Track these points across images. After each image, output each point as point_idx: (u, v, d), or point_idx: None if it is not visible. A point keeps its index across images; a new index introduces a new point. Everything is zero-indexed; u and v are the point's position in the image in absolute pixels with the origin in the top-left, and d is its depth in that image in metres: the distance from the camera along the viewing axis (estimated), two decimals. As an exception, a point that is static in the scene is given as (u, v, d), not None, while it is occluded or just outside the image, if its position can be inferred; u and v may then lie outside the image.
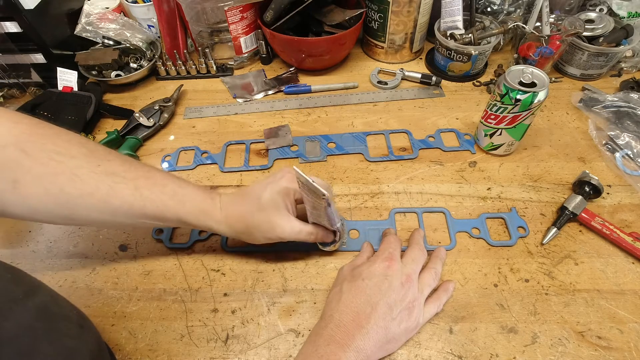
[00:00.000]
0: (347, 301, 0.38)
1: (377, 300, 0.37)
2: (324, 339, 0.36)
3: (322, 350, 0.35)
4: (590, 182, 0.50)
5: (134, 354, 0.41)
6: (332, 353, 0.34)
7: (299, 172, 0.35)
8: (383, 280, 0.39)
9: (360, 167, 0.58)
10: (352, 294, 0.38)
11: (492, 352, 0.40)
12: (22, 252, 0.50)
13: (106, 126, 0.67)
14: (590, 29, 0.65)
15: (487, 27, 0.70)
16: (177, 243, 0.50)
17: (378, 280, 0.39)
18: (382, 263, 0.40)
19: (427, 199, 0.53)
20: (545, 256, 0.47)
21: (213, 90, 0.73)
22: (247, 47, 0.75)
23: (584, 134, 0.61)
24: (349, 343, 0.35)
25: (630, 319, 0.41)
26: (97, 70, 0.70)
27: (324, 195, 0.35)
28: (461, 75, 0.71)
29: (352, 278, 0.40)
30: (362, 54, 0.80)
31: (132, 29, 0.73)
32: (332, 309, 0.38)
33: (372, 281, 0.39)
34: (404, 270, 0.40)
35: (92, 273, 0.48)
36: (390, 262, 0.40)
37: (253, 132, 0.64)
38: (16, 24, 0.63)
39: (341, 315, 0.37)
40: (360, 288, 0.39)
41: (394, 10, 0.67)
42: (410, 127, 0.63)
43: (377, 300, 0.37)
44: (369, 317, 0.37)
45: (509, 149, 0.57)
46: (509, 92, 0.49)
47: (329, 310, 0.39)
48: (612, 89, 0.67)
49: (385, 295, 0.38)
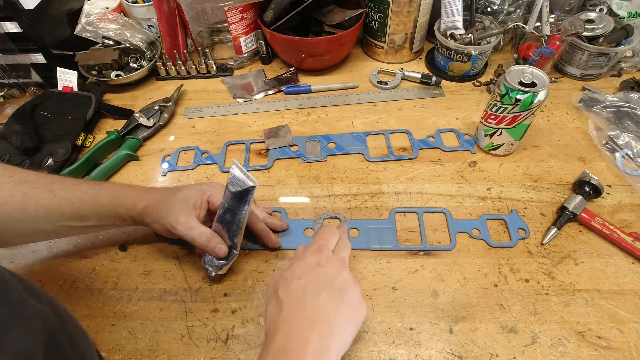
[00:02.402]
0: (290, 306, 0.34)
1: (321, 292, 0.34)
2: (274, 353, 0.31)
3: None
4: (590, 182, 0.50)
5: (134, 354, 0.41)
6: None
7: (236, 162, 0.40)
8: (320, 272, 0.35)
9: (360, 167, 0.58)
10: (292, 297, 0.34)
11: (492, 352, 0.40)
12: (22, 252, 0.50)
13: (106, 126, 0.67)
14: (590, 29, 0.65)
15: (487, 27, 0.70)
16: (177, 242, 0.50)
17: (314, 273, 0.35)
18: (313, 256, 0.37)
19: (427, 199, 0.53)
20: (545, 256, 0.47)
21: (213, 90, 0.73)
22: (247, 47, 0.75)
23: (584, 134, 0.61)
24: (304, 348, 0.31)
25: (630, 319, 0.41)
26: (97, 70, 0.70)
27: (254, 184, 0.39)
28: (461, 75, 0.71)
29: (285, 282, 0.36)
30: (362, 54, 0.80)
31: (132, 29, 0.73)
32: (276, 322, 0.33)
33: (309, 277, 0.35)
34: (338, 257, 0.38)
35: (92, 273, 0.48)
36: (320, 253, 0.37)
37: (253, 132, 0.64)
38: (16, 24, 0.63)
39: (288, 323, 0.33)
40: (299, 288, 0.35)
41: (394, 10, 0.67)
42: (410, 127, 0.63)
43: (320, 292, 0.34)
44: (317, 311, 0.33)
45: (509, 149, 0.57)
46: (509, 92, 0.49)
47: (272, 325, 0.34)
48: (612, 89, 0.67)
49: (327, 285, 0.35)
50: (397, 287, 0.45)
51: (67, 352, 0.26)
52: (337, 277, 0.35)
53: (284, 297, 0.34)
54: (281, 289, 0.35)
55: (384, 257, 0.47)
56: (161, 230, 0.43)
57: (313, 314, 0.33)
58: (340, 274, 0.36)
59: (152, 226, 0.43)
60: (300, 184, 0.56)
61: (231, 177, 0.40)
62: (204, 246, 0.42)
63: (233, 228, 0.42)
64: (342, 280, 0.35)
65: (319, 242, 0.39)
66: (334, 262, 0.37)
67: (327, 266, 0.36)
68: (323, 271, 0.36)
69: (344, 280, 0.35)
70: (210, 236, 0.42)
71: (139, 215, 0.42)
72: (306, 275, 0.35)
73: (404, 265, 0.47)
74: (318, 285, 0.35)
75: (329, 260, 0.37)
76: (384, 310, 0.43)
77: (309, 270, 0.36)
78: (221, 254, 0.43)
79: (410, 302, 0.44)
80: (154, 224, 0.42)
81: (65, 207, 0.40)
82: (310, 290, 0.34)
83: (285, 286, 0.35)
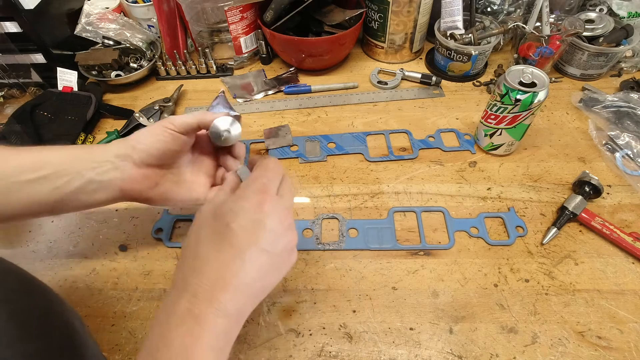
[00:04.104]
0: (207, 257, 0.29)
1: (248, 248, 0.29)
2: (177, 316, 0.27)
3: (174, 334, 0.26)
4: (590, 182, 0.50)
5: (134, 354, 0.41)
6: (189, 333, 0.26)
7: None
8: (255, 222, 0.29)
9: (360, 167, 0.58)
10: (214, 245, 0.29)
11: (492, 352, 0.40)
12: (22, 252, 0.50)
13: (106, 126, 0.67)
14: (590, 29, 0.65)
15: (487, 27, 0.70)
16: (177, 242, 0.50)
17: (248, 222, 0.29)
18: (254, 198, 0.30)
19: (427, 199, 0.53)
20: (545, 256, 0.47)
21: (213, 90, 0.73)
22: (247, 47, 0.75)
23: (584, 134, 0.61)
24: (213, 314, 0.27)
25: (630, 319, 0.41)
26: (97, 70, 0.70)
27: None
28: (461, 75, 0.71)
29: (214, 221, 0.30)
30: (362, 54, 0.80)
31: (132, 29, 0.73)
32: (187, 271, 0.29)
33: (240, 224, 0.29)
34: (282, 205, 0.31)
35: (92, 273, 0.48)
36: (264, 195, 0.30)
37: (253, 132, 0.64)
38: (16, 24, 0.63)
39: (200, 278, 0.28)
40: (225, 236, 0.29)
41: (394, 10, 0.67)
42: (410, 127, 0.63)
43: (247, 248, 0.29)
44: (238, 272, 0.28)
45: (509, 149, 0.57)
46: (509, 92, 0.49)
47: (182, 273, 0.29)
48: (612, 89, 0.67)
49: (260, 241, 0.29)
50: (397, 287, 0.45)
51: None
52: (280, 237, 0.30)
53: (205, 239, 0.30)
54: (205, 229, 0.30)
55: (384, 257, 0.47)
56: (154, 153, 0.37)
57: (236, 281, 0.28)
58: (287, 233, 0.31)
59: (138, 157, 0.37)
60: (300, 184, 0.56)
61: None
62: (201, 116, 0.37)
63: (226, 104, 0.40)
64: (287, 241, 0.31)
65: (262, 179, 0.32)
66: (277, 211, 0.30)
67: (268, 214, 0.30)
68: (260, 222, 0.29)
69: (288, 241, 0.31)
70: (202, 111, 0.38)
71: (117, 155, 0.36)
72: (237, 221, 0.29)
73: (404, 265, 0.47)
74: (250, 236, 0.29)
75: (272, 208, 0.30)
76: (384, 310, 0.43)
77: (244, 217, 0.29)
78: (221, 115, 0.38)
79: (410, 302, 0.44)
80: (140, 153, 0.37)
81: (12, 158, 0.34)
82: (238, 244, 0.29)
83: (211, 228, 0.30)
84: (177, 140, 0.38)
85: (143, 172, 0.38)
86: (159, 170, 0.39)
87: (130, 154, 0.37)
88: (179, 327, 0.26)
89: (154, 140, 0.37)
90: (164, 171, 0.40)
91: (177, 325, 0.26)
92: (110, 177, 0.36)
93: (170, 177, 0.40)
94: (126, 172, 0.37)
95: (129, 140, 0.37)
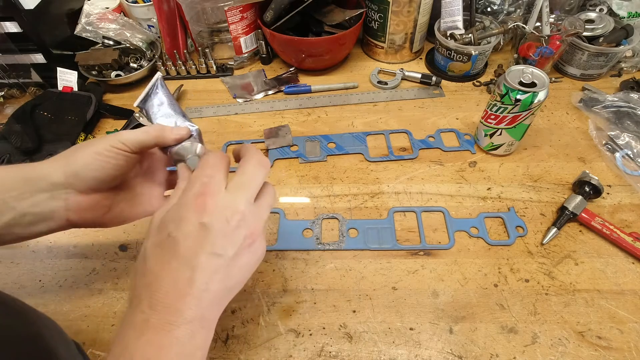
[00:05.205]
0: (156, 272, 0.27)
1: (196, 256, 0.27)
2: (135, 329, 0.26)
3: (133, 347, 0.25)
4: (590, 182, 0.50)
5: (134, 354, 0.41)
6: (149, 344, 0.25)
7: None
8: (200, 227, 0.27)
9: (360, 167, 0.58)
10: (159, 258, 0.28)
11: (492, 352, 0.40)
12: (22, 252, 0.50)
13: (106, 126, 0.67)
14: (590, 29, 0.65)
15: (487, 27, 0.70)
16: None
17: (193, 228, 0.27)
18: (193, 202, 0.28)
19: (427, 199, 0.53)
20: (545, 256, 0.47)
21: (213, 90, 0.73)
22: (247, 47, 0.75)
23: (584, 134, 0.61)
24: (172, 322, 0.26)
25: (630, 319, 0.41)
26: (97, 70, 0.70)
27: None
28: (461, 75, 0.71)
29: (158, 233, 0.29)
30: (362, 54, 0.80)
31: (132, 29, 0.73)
32: (139, 288, 0.28)
33: (183, 232, 0.27)
34: (227, 202, 0.28)
35: (92, 273, 0.48)
36: (203, 197, 0.28)
37: (253, 132, 0.64)
38: (16, 24, 0.62)
39: (152, 291, 0.26)
40: (169, 247, 0.27)
41: (394, 10, 0.67)
42: (410, 127, 0.63)
43: (194, 256, 0.27)
44: (192, 281, 0.26)
45: (509, 149, 0.57)
46: (509, 92, 0.49)
47: (136, 290, 0.28)
48: (612, 89, 0.67)
49: (206, 245, 0.27)
50: (397, 287, 0.45)
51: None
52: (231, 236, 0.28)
53: (151, 254, 0.28)
54: (150, 242, 0.29)
55: (384, 257, 0.48)
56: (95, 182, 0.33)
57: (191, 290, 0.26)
58: (239, 231, 0.28)
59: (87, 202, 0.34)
60: (300, 184, 0.56)
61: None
62: (159, 133, 0.34)
63: (175, 108, 0.37)
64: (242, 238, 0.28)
65: (202, 178, 0.29)
66: (220, 211, 0.28)
67: (211, 217, 0.27)
68: (203, 227, 0.27)
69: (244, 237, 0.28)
70: (159, 125, 0.35)
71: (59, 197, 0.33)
72: (178, 230, 0.27)
73: (404, 266, 0.47)
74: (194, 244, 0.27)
75: (215, 209, 0.27)
76: (384, 310, 0.43)
77: (184, 224, 0.27)
78: (183, 132, 0.35)
79: (410, 302, 0.44)
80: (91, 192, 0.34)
81: None
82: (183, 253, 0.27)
83: (155, 240, 0.28)
84: (129, 161, 0.34)
85: (91, 198, 0.35)
86: (108, 194, 0.36)
87: (73, 182, 0.33)
88: (139, 339, 0.25)
89: (102, 164, 0.33)
90: (115, 192, 0.36)
91: (137, 337, 0.26)
92: (50, 208, 0.33)
93: (122, 197, 0.37)
94: (70, 201, 0.34)
95: (70, 164, 0.33)
